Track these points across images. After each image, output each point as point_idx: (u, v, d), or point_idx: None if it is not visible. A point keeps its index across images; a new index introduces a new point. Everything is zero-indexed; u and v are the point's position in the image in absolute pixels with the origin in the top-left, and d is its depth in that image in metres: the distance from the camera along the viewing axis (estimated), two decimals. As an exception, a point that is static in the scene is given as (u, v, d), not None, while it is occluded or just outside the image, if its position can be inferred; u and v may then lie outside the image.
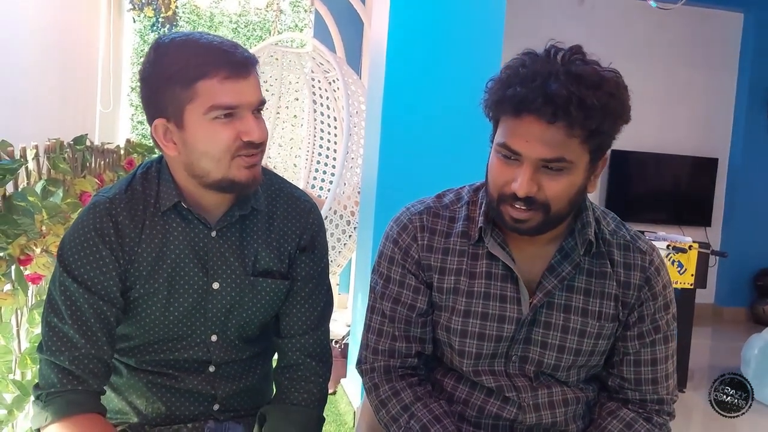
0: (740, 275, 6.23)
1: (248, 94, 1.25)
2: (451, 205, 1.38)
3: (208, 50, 1.23)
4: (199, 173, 1.28)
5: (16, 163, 1.76)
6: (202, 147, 1.25)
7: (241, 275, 1.37)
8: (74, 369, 1.25)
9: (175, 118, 1.25)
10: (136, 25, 5.76)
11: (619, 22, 6.04)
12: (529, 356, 1.33)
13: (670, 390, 1.37)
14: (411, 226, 1.36)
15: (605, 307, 1.32)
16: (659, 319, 1.34)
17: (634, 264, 1.33)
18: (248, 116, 1.26)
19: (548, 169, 1.18)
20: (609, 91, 1.16)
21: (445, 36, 2.82)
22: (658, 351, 1.35)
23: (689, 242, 3.85)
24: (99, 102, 5.57)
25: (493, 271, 1.32)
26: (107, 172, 3.09)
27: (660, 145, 6.12)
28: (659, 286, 1.34)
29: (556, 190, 1.19)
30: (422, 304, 1.35)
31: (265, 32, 5.84)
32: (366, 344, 1.41)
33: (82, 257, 1.29)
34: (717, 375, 2.45)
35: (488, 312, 1.31)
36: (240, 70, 1.23)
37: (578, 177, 1.21)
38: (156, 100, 1.26)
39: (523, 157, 1.18)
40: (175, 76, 1.22)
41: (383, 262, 1.39)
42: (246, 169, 1.27)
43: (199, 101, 1.22)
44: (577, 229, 1.30)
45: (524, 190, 1.18)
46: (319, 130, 5.15)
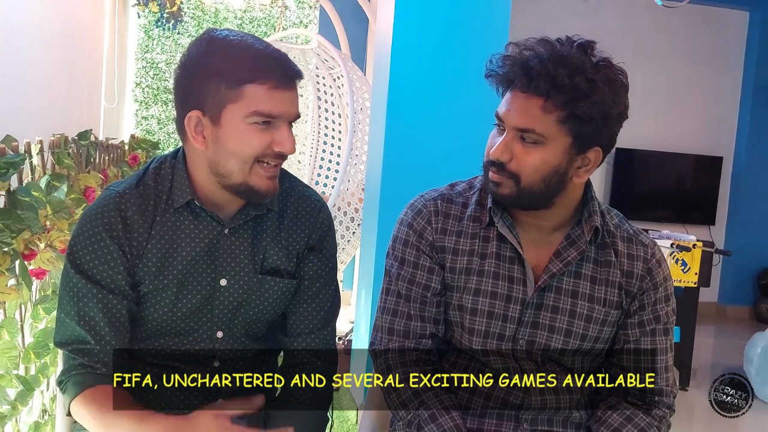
0: (744, 274, 6.21)
1: (289, 105, 1.26)
2: (463, 192, 1.45)
3: (263, 57, 1.24)
4: (223, 172, 1.28)
5: (20, 158, 1.76)
6: (233, 147, 1.25)
7: (250, 273, 1.37)
8: (82, 358, 1.28)
9: (212, 114, 1.25)
10: (141, 21, 5.75)
11: (625, 20, 6.03)
12: (536, 340, 1.36)
13: (669, 383, 1.40)
14: (425, 210, 1.42)
15: (610, 295, 1.37)
16: (660, 310, 1.39)
17: (637, 255, 1.39)
18: (284, 127, 1.27)
19: (523, 141, 1.26)
20: (591, 78, 1.22)
21: (450, 32, 2.81)
22: (658, 341, 1.39)
23: (693, 241, 3.84)
24: (103, 97, 5.56)
25: (502, 252, 1.38)
26: (111, 168, 3.10)
27: (664, 144, 6.11)
28: (660, 278, 1.40)
29: (527, 162, 1.26)
30: (436, 284, 1.40)
31: (269, 28, 5.83)
32: (380, 325, 1.43)
33: (90, 252, 1.29)
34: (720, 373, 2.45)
35: (497, 291, 1.36)
36: (288, 83, 1.25)
37: (553, 156, 1.26)
38: (196, 91, 1.25)
39: (505, 124, 1.29)
40: (224, 74, 1.22)
41: (398, 246, 1.43)
42: (267, 179, 1.28)
43: (242, 103, 1.23)
44: (584, 218, 1.36)
45: (497, 153, 1.28)
46: (323, 126, 5.15)
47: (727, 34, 6.25)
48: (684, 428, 3.27)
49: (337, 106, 4.98)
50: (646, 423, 1.35)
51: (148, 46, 5.80)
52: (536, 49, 1.25)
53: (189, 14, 5.83)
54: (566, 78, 1.20)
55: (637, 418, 1.35)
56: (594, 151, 1.29)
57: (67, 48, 4.81)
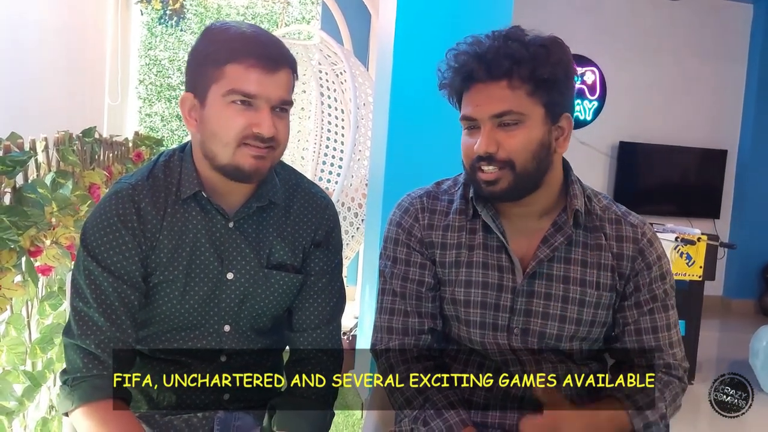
0: (749, 267, 6.20)
1: (270, 88, 1.26)
2: (449, 189, 1.47)
3: (244, 38, 1.27)
4: (209, 154, 1.30)
5: (26, 155, 1.76)
6: (213, 127, 1.28)
7: (256, 267, 1.38)
8: (99, 353, 1.27)
9: (200, 95, 1.29)
10: (144, 18, 5.75)
11: (628, 13, 6.01)
12: (530, 328, 1.36)
13: (677, 357, 1.39)
14: (412, 208, 1.44)
15: (602, 278, 1.37)
16: (656, 289, 1.39)
17: (626, 236, 1.39)
18: (264, 110, 1.27)
19: (503, 126, 1.28)
20: (539, 43, 1.27)
21: (453, 28, 2.80)
22: (658, 319, 1.38)
23: (698, 234, 3.84)
24: (107, 94, 5.58)
25: (489, 242, 1.39)
26: (116, 165, 3.10)
27: (669, 137, 6.09)
28: (653, 257, 1.39)
29: (514, 144, 1.28)
30: (430, 279, 1.41)
31: (272, 24, 5.83)
32: (379, 325, 1.44)
33: (105, 242, 1.30)
34: (726, 367, 2.45)
35: (488, 281, 1.37)
36: (267, 64, 1.26)
37: (535, 130, 1.28)
38: (191, 76, 1.31)
39: (478, 121, 1.29)
40: (211, 56, 1.27)
41: (389, 245, 1.45)
42: (252, 158, 1.28)
43: (223, 82, 1.25)
44: (568, 203, 1.37)
45: (483, 147, 1.28)
46: (326, 122, 5.15)
47: (731, 27, 6.23)
48: (689, 422, 3.27)
49: (340, 101, 4.98)
50: (657, 379, 1.35)
51: (151, 43, 5.80)
52: (478, 42, 1.29)
53: (192, 11, 5.83)
54: (523, 49, 1.25)
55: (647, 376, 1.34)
56: (564, 117, 1.33)
57: (71, 46, 4.82)
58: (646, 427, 1.28)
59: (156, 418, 1.40)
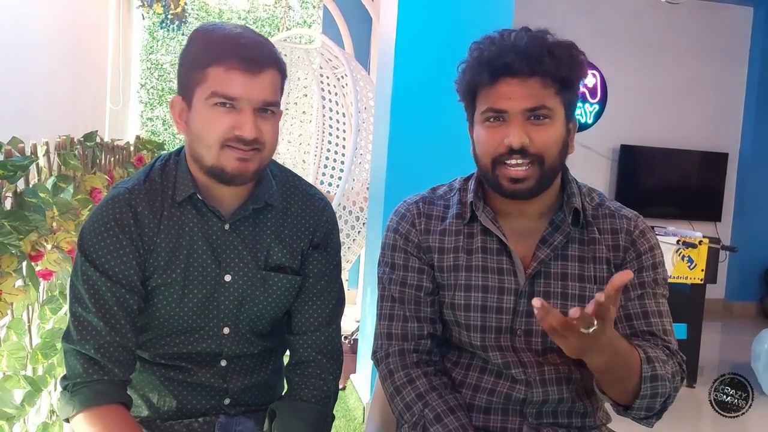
0: (750, 270, 6.20)
1: (252, 90, 1.26)
2: (444, 195, 1.47)
3: (225, 40, 1.27)
4: (196, 157, 1.31)
5: (27, 159, 1.76)
6: (198, 130, 1.29)
7: (253, 269, 1.38)
8: (99, 358, 1.27)
9: (187, 98, 1.30)
10: (145, 22, 5.76)
11: (629, 16, 6.02)
12: (533, 329, 1.36)
13: (674, 344, 1.35)
14: (408, 214, 1.45)
15: (599, 271, 1.37)
16: (645, 277, 1.37)
17: (620, 228, 1.40)
18: (247, 112, 1.26)
19: (534, 120, 1.28)
20: (568, 44, 1.30)
21: (454, 31, 2.81)
22: (648, 305, 1.36)
23: (699, 237, 3.83)
24: (108, 99, 5.58)
25: (488, 246, 1.39)
26: (117, 169, 3.10)
27: (670, 140, 6.10)
28: (644, 247, 1.39)
29: (545, 139, 1.29)
30: (428, 283, 1.41)
31: (273, 28, 5.84)
32: (379, 332, 1.43)
33: (102, 247, 1.30)
34: (727, 370, 2.44)
35: (488, 284, 1.37)
36: (249, 65, 1.25)
37: (560, 128, 1.31)
38: (179, 79, 1.32)
39: (509, 114, 1.28)
40: (196, 59, 1.27)
41: (386, 252, 1.45)
42: (236, 160, 1.28)
43: (205, 85, 1.26)
44: (565, 202, 1.38)
45: (518, 139, 1.27)
46: (327, 126, 5.16)
47: (732, 30, 6.24)
48: (691, 426, 3.26)
49: (341, 105, 4.98)
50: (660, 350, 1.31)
51: (153, 47, 5.81)
52: (511, 37, 1.30)
53: (193, 15, 5.84)
54: (559, 49, 1.28)
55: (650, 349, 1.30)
56: (573, 120, 1.36)
57: (72, 50, 4.82)
58: (652, 378, 1.25)
59: (157, 424, 1.40)
